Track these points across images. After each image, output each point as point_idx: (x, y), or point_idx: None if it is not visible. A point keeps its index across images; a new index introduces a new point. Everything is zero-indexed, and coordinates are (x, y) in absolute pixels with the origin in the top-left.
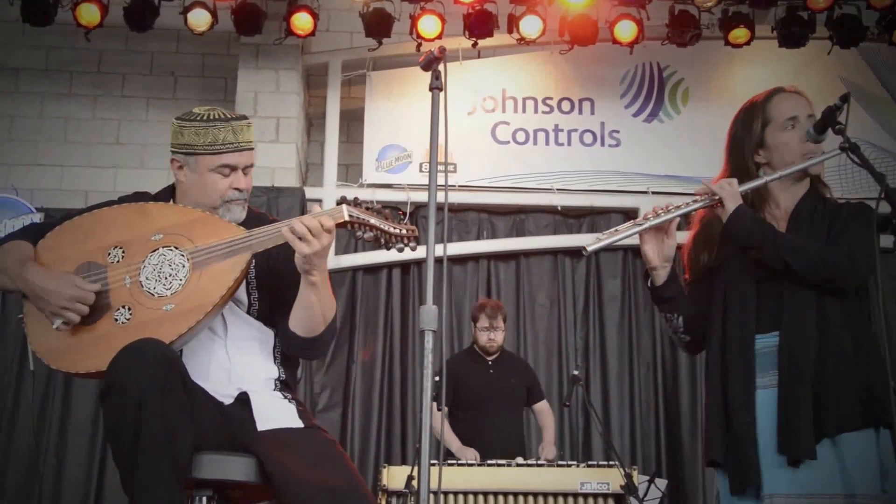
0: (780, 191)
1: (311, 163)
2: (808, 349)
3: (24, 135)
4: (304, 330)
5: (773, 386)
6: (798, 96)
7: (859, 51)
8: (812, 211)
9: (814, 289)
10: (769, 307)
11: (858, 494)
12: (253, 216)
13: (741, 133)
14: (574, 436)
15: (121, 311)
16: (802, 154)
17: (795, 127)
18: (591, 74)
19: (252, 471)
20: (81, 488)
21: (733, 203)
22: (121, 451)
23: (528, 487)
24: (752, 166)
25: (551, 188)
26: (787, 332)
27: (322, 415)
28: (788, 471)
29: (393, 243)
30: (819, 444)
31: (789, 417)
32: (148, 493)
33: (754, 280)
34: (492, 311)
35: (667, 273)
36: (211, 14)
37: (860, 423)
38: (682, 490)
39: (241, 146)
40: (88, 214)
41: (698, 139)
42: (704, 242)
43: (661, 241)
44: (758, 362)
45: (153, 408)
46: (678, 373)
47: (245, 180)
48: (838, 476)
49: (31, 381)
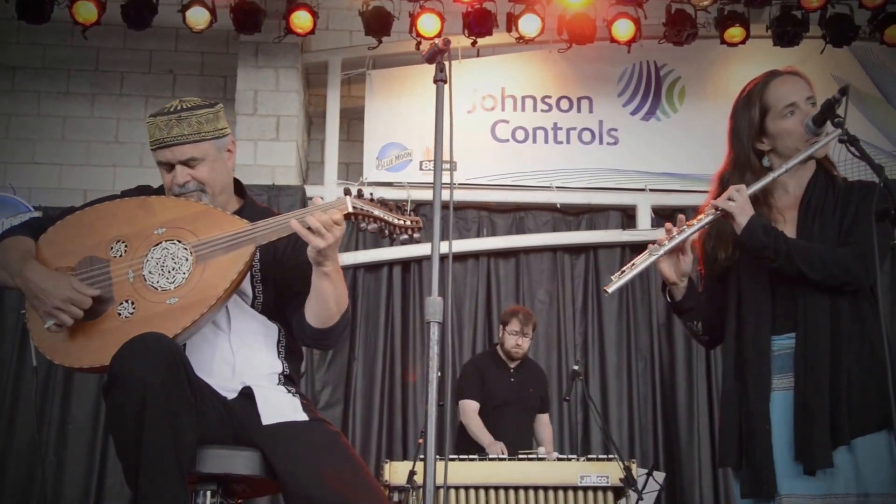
0: (788, 176)
1: (312, 161)
2: (823, 354)
3: (22, 133)
4: (319, 321)
5: (790, 388)
6: (795, 78)
7: (852, 50)
8: (822, 198)
9: (828, 290)
10: (784, 308)
11: (872, 494)
12: (258, 209)
13: (741, 123)
14: (573, 430)
15: (124, 305)
16: (805, 140)
17: (795, 113)
18: (590, 73)
19: (256, 465)
20: (82, 486)
21: (744, 217)
22: (125, 445)
23: (529, 481)
24: (753, 156)
25: (550, 186)
26: (802, 335)
27: (324, 412)
28: (804, 476)
29: (397, 234)
30: (836, 451)
31: (806, 426)
32: (152, 487)
33: (768, 281)
34: (524, 318)
35: (685, 286)
36: (210, 12)
37: (875, 426)
38: (680, 483)
39: (167, 142)
40: (90, 209)
41: (695, 137)
42: (718, 238)
43: (676, 259)
44: (774, 364)
45: (157, 402)
46: (675, 367)
47: (187, 173)
48: (852, 478)
49: (34, 378)
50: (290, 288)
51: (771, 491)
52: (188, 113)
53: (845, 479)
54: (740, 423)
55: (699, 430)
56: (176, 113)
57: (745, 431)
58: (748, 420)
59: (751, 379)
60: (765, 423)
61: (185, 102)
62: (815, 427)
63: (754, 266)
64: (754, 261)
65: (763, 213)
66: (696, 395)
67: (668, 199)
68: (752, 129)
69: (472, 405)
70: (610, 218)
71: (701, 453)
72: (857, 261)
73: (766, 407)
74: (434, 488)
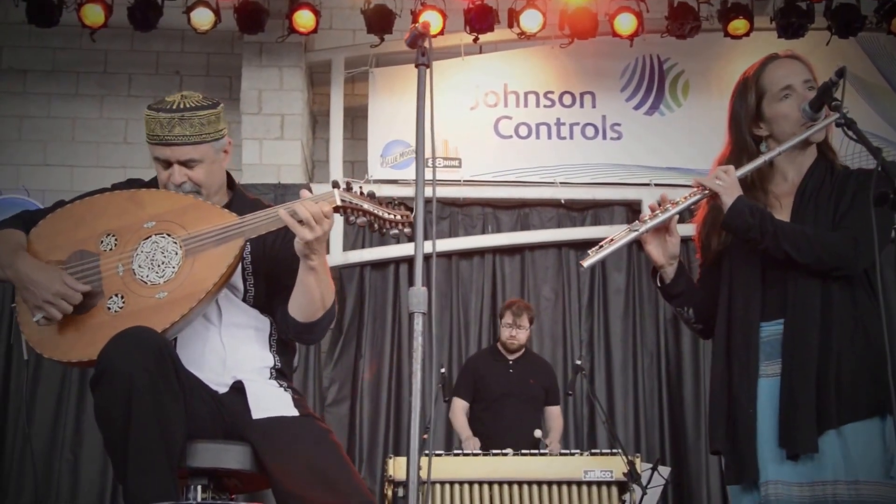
0: (787, 163)
1: (317, 160)
2: (811, 339)
3: (33, 135)
4: (303, 315)
5: (777, 375)
6: (792, 61)
7: (858, 40)
8: (819, 185)
9: (819, 275)
10: (774, 294)
11: (862, 481)
12: (247, 202)
13: (739, 108)
14: (579, 425)
15: (113, 299)
16: (801, 123)
17: (791, 96)
18: (592, 68)
19: (247, 459)
20: (97, 484)
21: (730, 197)
22: (112, 440)
23: (533, 476)
24: (751, 141)
25: (554, 182)
26: (791, 320)
27: (331, 409)
28: (790, 461)
29: (387, 228)
30: (823, 436)
31: (790, 411)
32: (140, 482)
33: (759, 267)
34: (517, 310)
35: (674, 270)
36: (214, 13)
37: (865, 412)
38: (686, 478)
39: (167, 140)
40: (80, 202)
41: (699, 131)
42: (712, 225)
43: (663, 240)
44: (763, 350)
45: (144, 395)
46: (682, 363)
47: (184, 174)
48: (841, 463)
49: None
50: (279, 280)
51: (753, 475)
52: (191, 113)
53: (834, 465)
54: (728, 409)
55: (706, 425)
56: (179, 112)
57: (731, 415)
58: (733, 405)
59: (737, 364)
60: (749, 407)
61: (188, 100)
62: (800, 411)
63: (746, 252)
64: (746, 246)
65: (759, 198)
66: (702, 390)
67: (673, 193)
68: (748, 114)
69: (458, 403)
70: (615, 213)
71: (707, 448)
72: (847, 244)
73: (751, 392)
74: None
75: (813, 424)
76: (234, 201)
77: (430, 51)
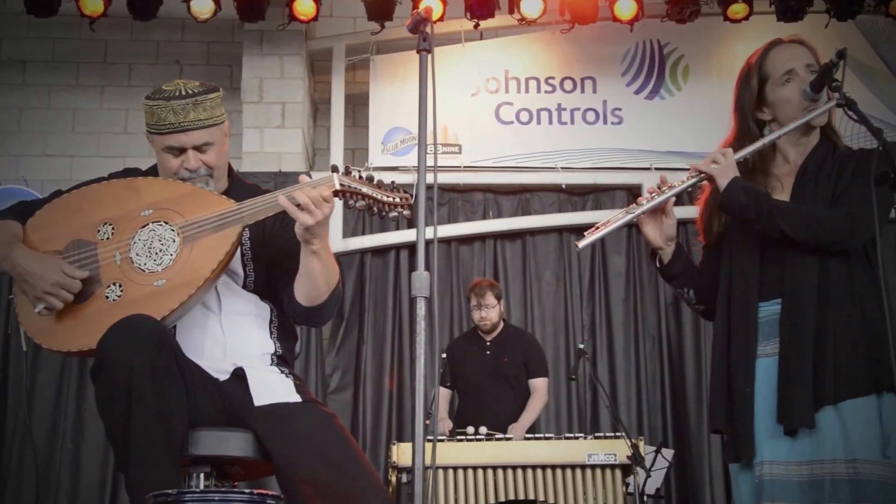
0: (790, 146)
1: (318, 148)
2: (808, 317)
3: (33, 126)
4: (308, 299)
5: (775, 354)
6: (795, 46)
7: (857, 23)
8: (819, 166)
9: (816, 253)
10: (772, 274)
11: (860, 460)
12: (244, 188)
13: (743, 93)
14: (582, 410)
15: (111, 287)
16: (804, 108)
17: (792, 80)
18: (593, 53)
19: (250, 446)
20: (98, 474)
21: (725, 179)
22: (114, 429)
23: (536, 460)
24: (754, 126)
25: (555, 167)
26: (788, 299)
27: (334, 395)
28: (787, 439)
29: (386, 211)
30: (820, 412)
31: (787, 387)
32: (142, 470)
33: (757, 247)
34: (480, 290)
35: (672, 251)
36: (214, 1)
37: (863, 389)
38: (689, 460)
39: (184, 126)
40: (77, 191)
41: (700, 114)
42: (713, 208)
43: (660, 222)
44: (761, 330)
45: (144, 383)
46: (683, 346)
47: (199, 159)
48: (840, 442)
49: (24, 363)
50: (279, 265)
51: (750, 454)
52: (202, 97)
53: (832, 443)
54: (727, 387)
55: (707, 407)
56: (192, 97)
57: (730, 394)
58: (731, 384)
59: (735, 343)
60: (746, 385)
61: (189, 86)
62: (797, 388)
63: (745, 233)
64: (744, 227)
65: (759, 180)
66: (704, 373)
67: (674, 177)
68: (752, 99)
69: (440, 391)
70: (616, 197)
71: (709, 430)
72: (844, 220)
73: (749, 372)
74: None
75: (808, 399)
76: (232, 187)
77: (432, 36)
